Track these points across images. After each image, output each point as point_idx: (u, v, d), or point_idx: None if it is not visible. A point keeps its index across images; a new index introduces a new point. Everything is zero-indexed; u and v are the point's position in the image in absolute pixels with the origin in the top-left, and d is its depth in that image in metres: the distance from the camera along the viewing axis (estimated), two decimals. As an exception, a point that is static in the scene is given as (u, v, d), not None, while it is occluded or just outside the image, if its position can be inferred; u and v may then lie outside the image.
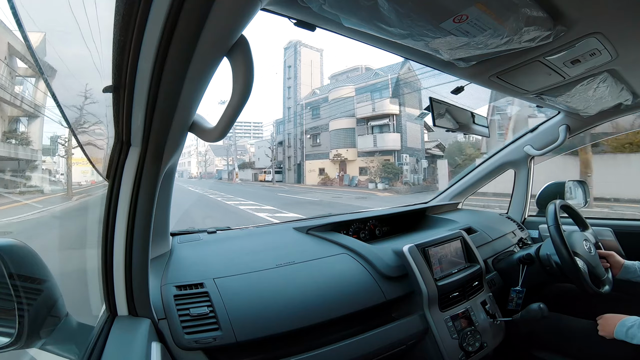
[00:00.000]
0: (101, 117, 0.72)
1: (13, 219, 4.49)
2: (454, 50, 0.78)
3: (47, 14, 0.53)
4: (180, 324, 0.79)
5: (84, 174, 7.31)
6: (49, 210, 5.69)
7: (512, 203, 1.99)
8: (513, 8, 0.63)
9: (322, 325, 0.93)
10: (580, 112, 1.44)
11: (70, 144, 7.14)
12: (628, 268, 1.27)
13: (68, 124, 0.63)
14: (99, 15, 0.48)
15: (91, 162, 0.90)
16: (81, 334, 0.66)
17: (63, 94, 0.60)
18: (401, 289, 1.12)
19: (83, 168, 7.17)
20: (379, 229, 1.66)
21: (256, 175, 32.18)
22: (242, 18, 0.46)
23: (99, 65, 0.57)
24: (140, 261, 0.72)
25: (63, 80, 0.62)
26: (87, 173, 7.34)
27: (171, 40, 0.45)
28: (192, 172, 50.14)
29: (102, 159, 0.79)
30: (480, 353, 1.13)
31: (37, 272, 0.55)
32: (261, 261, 1.06)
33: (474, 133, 1.42)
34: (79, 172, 7.22)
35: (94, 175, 6.85)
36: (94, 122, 0.79)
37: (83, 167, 7.15)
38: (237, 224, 1.44)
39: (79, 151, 7.34)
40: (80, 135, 0.72)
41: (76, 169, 7.12)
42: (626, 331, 1.01)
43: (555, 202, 1.29)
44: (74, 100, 0.65)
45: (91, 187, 7.05)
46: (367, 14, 0.61)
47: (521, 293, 1.32)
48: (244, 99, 0.54)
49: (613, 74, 1.05)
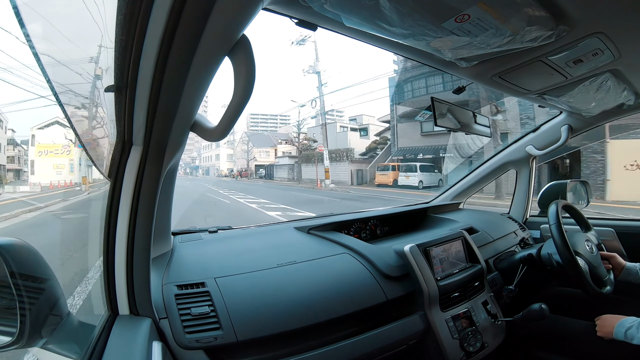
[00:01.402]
0: (103, 117, 0.72)
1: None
2: (456, 49, 0.78)
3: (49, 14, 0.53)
4: (181, 324, 0.80)
5: (57, 170, 5.09)
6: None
7: (514, 203, 1.99)
8: (515, 7, 0.63)
9: (323, 325, 0.93)
10: (582, 112, 1.43)
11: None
12: (629, 270, 1.27)
13: (70, 123, 0.63)
14: (101, 15, 0.48)
15: (93, 162, 0.90)
16: (82, 333, 0.66)
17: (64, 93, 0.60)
18: (402, 289, 1.12)
19: (56, 161, 4.90)
20: (380, 229, 1.66)
21: (362, 172, 18.78)
22: (243, 18, 0.46)
23: (101, 64, 0.57)
24: (142, 260, 0.72)
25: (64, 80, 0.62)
26: (62, 168, 5.20)
27: (173, 40, 0.45)
28: (222, 168, 40.12)
29: (104, 158, 0.79)
30: (481, 353, 1.13)
31: (38, 270, 0.56)
32: (262, 261, 1.06)
33: (476, 133, 1.42)
34: (48, 167, 5.05)
35: (74, 174, 5.14)
36: (96, 122, 0.79)
37: (56, 160, 4.84)
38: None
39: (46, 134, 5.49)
40: (82, 134, 0.73)
41: (44, 162, 4.90)
42: (625, 332, 1.00)
43: (557, 202, 1.29)
44: (76, 99, 0.65)
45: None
46: (369, 14, 0.61)
47: (512, 292, 1.31)
48: (246, 99, 0.54)
49: (615, 74, 1.04)
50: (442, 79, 15.86)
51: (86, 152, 0.82)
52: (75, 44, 0.61)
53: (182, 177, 37.44)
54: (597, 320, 1.12)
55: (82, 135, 0.74)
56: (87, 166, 9.77)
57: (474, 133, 1.41)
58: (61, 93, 0.57)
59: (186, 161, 59.02)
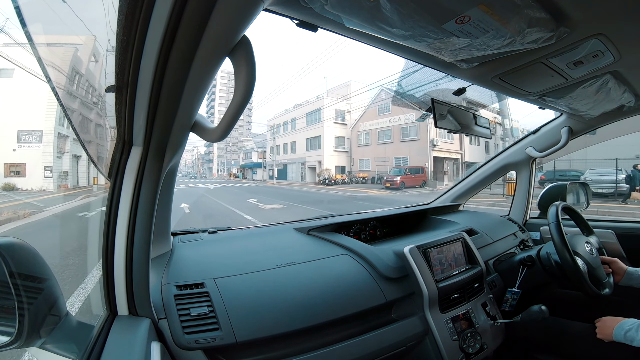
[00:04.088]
0: (103, 117, 0.72)
1: None
2: (456, 51, 0.78)
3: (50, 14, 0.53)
4: (180, 324, 0.79)
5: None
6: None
7: (514, 205, 1.98)
8: (516, 9, 0.63)
9: (322, 326, 0.93)
10: (582, 114, 1.43)
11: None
12: (631, 275, 1.26)
13: (70, 123, 0.63)
14: (102, 15, 0.49)
15: (93, 162, 0.90)
16: (81, 333, 0.66)
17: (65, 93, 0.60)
18: (401, 290, 1.11)
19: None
20: (380, 230, 1.66)
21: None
22: (244, 18, 0.46)
23: (102, 64, 0.57)
24: (141, 260, 0.72)
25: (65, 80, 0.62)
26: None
27: (174, 40, 0.45)
28: (327, 165, 23.96)
29: (104, 158, 0.79)
30: (481, 354, 1.13)
31: (37, 270, 0.55)
32: (262, 261, 1.06)
33: (476, 134, 1.42)
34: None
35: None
36: (97, 122, 0.79)
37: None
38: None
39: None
40: (82, 134, 0.73)
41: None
42: (624, 334, 1.00)
43: (557, 204, 1.29)
44: (77, 99, 0.65)
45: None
46: (369, 15, 0.61)
47: (516, 294, 1.31)
48: (246, 99, 0.54)
49: (616, 75, 1.04)
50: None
51: (86, 152, 0.82)
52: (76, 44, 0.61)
53: (223, 185, 22.69)
54: (597, 322, 1.12)
55: (83, 135, 0.74)
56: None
57: (474, 134, 1.41)
58: (62, 93, 0.57)
59: (228, 159, 38.45)
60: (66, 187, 6.94)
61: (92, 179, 9.87)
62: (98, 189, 9.23)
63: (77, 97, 0.67)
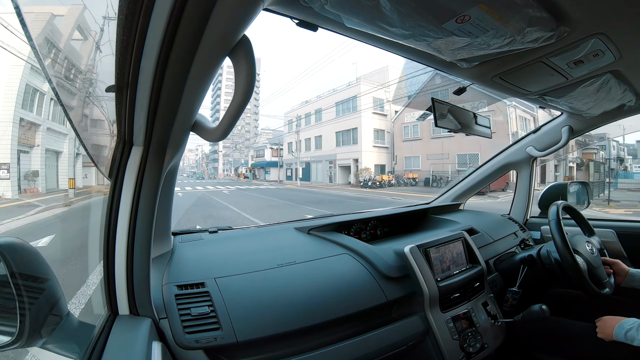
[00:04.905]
0: (104, 117, 0.72)
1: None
2: (457, 50, 0.78)
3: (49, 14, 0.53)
4: (181, 324, 0.80)
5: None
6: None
7: (514, 204, 1.98)
8: (516, 8, 0.63)
9: (323, 326, 0.93)
10: (583, 113, 1.43)
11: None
12: (633, 276, 1.25)
13: (71, 123, 0.63)
14: (102, 15, 0.49)
15: (94, 162, 0.90)
16: (82, 333, 0.66)
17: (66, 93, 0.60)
18: (402, 290, 1.11)
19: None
20: (381, 230, 1.66)
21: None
22: (244, 18, 0.46)
23: (102, 64, 0.57)
24: (142, 260, 0.72)
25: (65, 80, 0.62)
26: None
27: (174, 40, 0.45)
28: (366, 164, 19.24)
29: (105, 158, 0.79)
30: (481, 354, 1.13)
31: (38, 270, 0.56)
32: (262, 261, 1.06)
33: (476, 134, 1.42)
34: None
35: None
36: (97, 122, 0.79)
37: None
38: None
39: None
40: (83, 134, 0.73)
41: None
42: (625, 333, 1.00)
43: (558, 203, 1.29)
44: (77, 99, 0.65)
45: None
46: (369, 14, 0.61)
47: (517, 294, 1.31)
48: (246, 99, 0.54)
49: (616, 74, 1.04)
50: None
51: (87, 152, 0.82)
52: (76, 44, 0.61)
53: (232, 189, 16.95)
54: (597, 322, 1.11)
55: (83, 135, 0.74)
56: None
57: (474, 134, 1.41)
58: (62, 93, 0.57)
59: (235, 157, 33.67)
60: (35, 191, 5.04)
61: (68, 180, 7.14)
62: (75, 195, 6.83)
63: (77, 97, 0.67)
